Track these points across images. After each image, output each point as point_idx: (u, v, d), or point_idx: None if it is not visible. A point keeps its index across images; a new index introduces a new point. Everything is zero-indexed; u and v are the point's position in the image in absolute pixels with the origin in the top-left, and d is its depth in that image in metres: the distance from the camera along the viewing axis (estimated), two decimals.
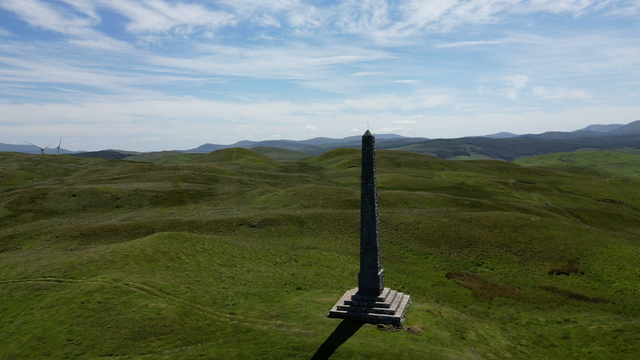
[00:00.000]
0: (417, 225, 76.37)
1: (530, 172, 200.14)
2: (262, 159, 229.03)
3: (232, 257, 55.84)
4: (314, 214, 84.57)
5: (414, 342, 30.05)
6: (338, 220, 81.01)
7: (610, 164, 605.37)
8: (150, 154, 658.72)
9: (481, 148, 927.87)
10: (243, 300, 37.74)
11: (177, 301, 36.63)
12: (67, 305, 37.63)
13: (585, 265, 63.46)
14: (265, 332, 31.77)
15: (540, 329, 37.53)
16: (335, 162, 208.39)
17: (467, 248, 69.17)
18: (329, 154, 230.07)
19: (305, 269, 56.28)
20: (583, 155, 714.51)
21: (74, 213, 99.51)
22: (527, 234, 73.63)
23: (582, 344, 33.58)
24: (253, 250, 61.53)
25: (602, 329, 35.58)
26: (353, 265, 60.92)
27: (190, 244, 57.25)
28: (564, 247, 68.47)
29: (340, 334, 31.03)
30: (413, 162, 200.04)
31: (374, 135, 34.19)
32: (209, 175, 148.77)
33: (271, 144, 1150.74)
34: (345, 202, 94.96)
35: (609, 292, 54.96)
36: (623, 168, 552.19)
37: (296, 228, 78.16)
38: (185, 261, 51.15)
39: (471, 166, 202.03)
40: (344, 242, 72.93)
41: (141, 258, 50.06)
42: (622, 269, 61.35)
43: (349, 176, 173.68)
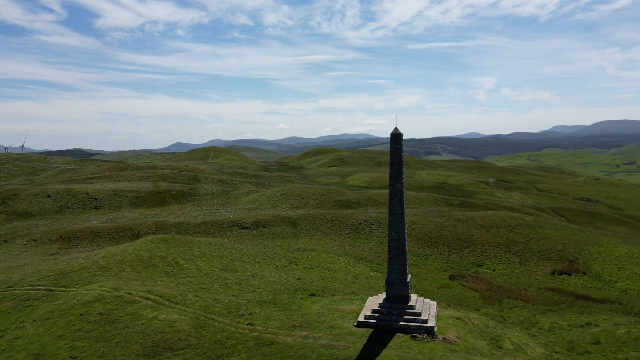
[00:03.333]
0: (414, 225, 75.11)
1: (508, 171, 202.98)
2: (241, 158, 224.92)
3: (231, 261, 53.10)
4: (306, 215, 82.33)
5: (452, 353, 28.32)
6: (332, 221, 79.01)
7: (575, 163, 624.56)
8: (119, 153, 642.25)
9: (452, 148, 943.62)
10: (259, 309, 35.28)
11: (189, 311, 33.88)
12: (64, 317, 34.34)
13: (585, 265, 63.44)
14: (290, 345, 29.48)
15: (566, 334, 36.49)
16: (316, 161, 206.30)
17: (467, 249, 68.30)
18: (309, 153, 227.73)
19: (308, 272, 54.10)
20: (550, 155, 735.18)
21: (50, 215, 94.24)
22: (523, 234, 73.39)
23: (616, 350, 32.61)
24: (251, 254, 58.89)
25: (632, 333, 34.75)
26: (355, 268, 59.15)
27: (186, 248, 54.17)
28: (561, 247, 68.41)
29: (373, 346, 29.03)
30: None
31: (401, 132, 32.28)
32: (189, 175, 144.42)
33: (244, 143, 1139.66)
34: (337, 202, 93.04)
35: (614, 293, 54.84)
36: (587, 167, 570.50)
37: (290, 229, 75.78)
38: (185, 266, 48.15)
39: (450, 166, 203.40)
40: (340, 243, 71.00)
41: (137, 264, 46.79)
42: (622, 269, 61.55)
43: (331, 176, 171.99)
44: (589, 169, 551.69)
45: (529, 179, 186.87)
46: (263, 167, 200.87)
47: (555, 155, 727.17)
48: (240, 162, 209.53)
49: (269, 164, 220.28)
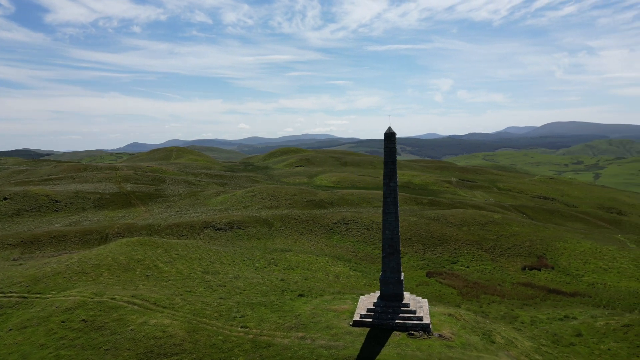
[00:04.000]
0: None
1: (469, 171, 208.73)
2: (205, 158, 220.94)
3: (211, 264, 52.05)
4: (280, 215, 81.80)
5: (450, 350, 28.80)
6: (307, 221, 78.84)
7: (527, 163, 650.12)
8: (72, 153, 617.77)
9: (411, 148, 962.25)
10: (250, 311, 34.71)
11: (179, 316, 32.93)
12: (44, 325, 32.66)
13: (552, 260, 66.05)
14: (288, 347, 29.17)
15: (548, 327, 37.85)
16: (282, 161, 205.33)
17: (440, 246, 69.73)
18: (274, 154, 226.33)
19: (289, 273, 53.78)
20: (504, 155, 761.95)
21: (7, 218, 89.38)
22: (493, 231, 75.65)
23: (597, 341, 34.11)
24: (229, 255, 57.95)
25: (610, 324, 36.44)
26: (334, 268, 59.23)
27: (163, 251, 52.65)
28: (529, 244, 70.95)
29: (372, 345, 29.13)
30: (359, 161, 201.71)
31: (394, 132, 32.55)
32: (152, 176, 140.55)
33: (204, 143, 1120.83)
34: (310, 202, 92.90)
35: (582, 286, 57.35)
36: (539, 167, 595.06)
37: (265, 230, 75.06)
38: (165, 269, 46.79)
39: (414, 165, 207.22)
40: (317, 243, 70.94)
41: (115, 268, 45.08)
42: (587, 263, 64.47)
43: (298, 176, 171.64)
44: (541, 168, 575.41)
45: (489, 178, 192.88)
46: (228, 167, 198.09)
47: (509, 155, 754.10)
48: (204, 162, 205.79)
49: (234, 164, 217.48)
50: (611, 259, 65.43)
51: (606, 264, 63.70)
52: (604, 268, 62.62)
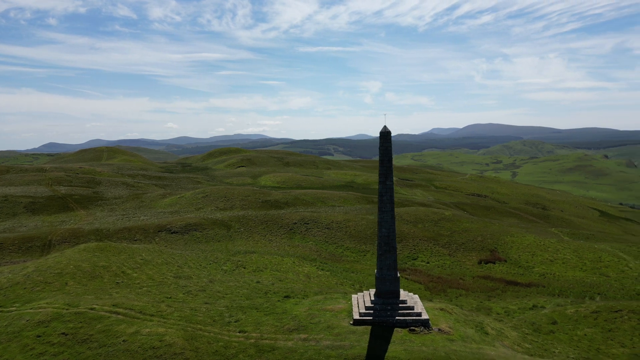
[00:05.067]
0: (348, 223, 76.85)
1: (406, 170, 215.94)
2: (139, 159, 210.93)
3: (179, 268, 49.87)
4: (237, 217, 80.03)
5: (452, 343, 29.67)
6: (266, 222, 77.76)
7: (452, 162, 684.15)
8: None
9: (343, 149, 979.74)
10: (243, 315, 33.67)
11: (170, 323, 31.24)
12: (17, 341, 29.70)
13: (504, 253, 70.02)
14: (293, 349, 28.67)
15: (523, 316, 40.08)
16: (222, 162, 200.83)
17: (400, 243, 71.54)
18: (213, 154, 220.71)
19: (260, 275, 52.75)
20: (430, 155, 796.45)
21: None
22: (446, 227, 78.86)
23: (573, 327, 36.63)
24: (193, 259, 55.83)
25: (579, 312, 39.26)
26: (302, 268, 58.85)
27: (127, 256, 49.69)
28: (481, 238, 74.73)
29: (377, 343, 29.32)
30: (301, 161, 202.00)
31: (390, 130, 33.01)
32: (86, 178, 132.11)
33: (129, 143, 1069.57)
34: (265, 202, 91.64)
35: (535, 277, 61.29)
36: (463, 166, 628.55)
37: (223, 232, 73.09)
38: (134, 276, 44.17)
39: (354, 165, 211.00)
40: (279, 244, 70.18)
41: (80, 276, 41.89)
42: (535, 255, 69.01)
43: (241, 176, 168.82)
44: (465, 167, 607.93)
45: (425, 177, 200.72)
46: (165, 168, 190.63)
47: (435, 155, 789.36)
48: (139, 163, 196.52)
49: (171, 165, 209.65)
50: (554, 251, 70.53)
51: (551, 256, 68.58)
52: (550, 259, 67.37)
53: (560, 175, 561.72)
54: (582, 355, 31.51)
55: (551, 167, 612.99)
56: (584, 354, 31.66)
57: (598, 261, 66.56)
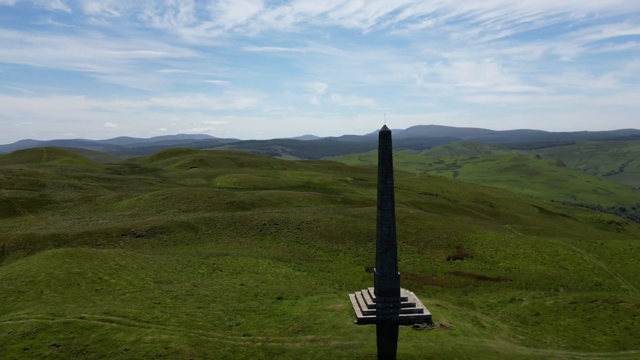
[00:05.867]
0: (318, 223, 76.88)
1: (360, 170, 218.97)
2: (82, 160, 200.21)
3: (157, 273, 47.96)
4: (203, 219, 77.94)
5: (455, 337, 30.44)
6: (234, 223, 76.26)
7: (398, 162, 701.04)
8: None
9: (291, 149, 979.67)
10: (242, 319, 32.87)
11: (170, 330, 29.96)
12: (2, 355, 27.42)
13: (469, 249, 72.64)
14: (303, 351, 28.36)
15: (506, 309, 41.73)
16: (172, 162, 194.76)
17: (370, 242, 72.46)
18: (163, 154, 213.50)
19: (239, 277, 51.72)
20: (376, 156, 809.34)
21: None
22: (412, 226, 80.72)
23: (555, 318, 38.56)
24: (167, 263, 53.87)
25: (558, 303, 41.41)
26: (278, 269, 58.26)
27: (100, 262, 47.14)
28: (447, 236, 77.13)
29: (386, 340, 29.57)
30: (255, 162, 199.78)
31: (389, 130, 33.38)
32: (29, 180, 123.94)
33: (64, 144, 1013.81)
34: (230, 204, 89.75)
35: (501, 272, 64.01)
36: (408, 166, 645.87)
37: (191, 235, 70.97)
38: (112, 282, 41.97)
39: (308, 166, 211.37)
40: (250, 245, 69.08)
41: (55, 283, 39.25)
42: (498, 251, 72.10)
43: (195, 177, 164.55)
44: (409, 167, 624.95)
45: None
46: (112, 169, 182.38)
47: None
48: (83, 164, 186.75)
49: (118, 166, 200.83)
50: (515, 246, 74.06)
51: (513, 251, 71.95)
52: (512, 254, 70.65)
53: (498, 174, 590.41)
54: (571, 344, 33.30)
55: (489, 166, 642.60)
56: (572, 343, 33.47)
57: (555, 255, 70.55)
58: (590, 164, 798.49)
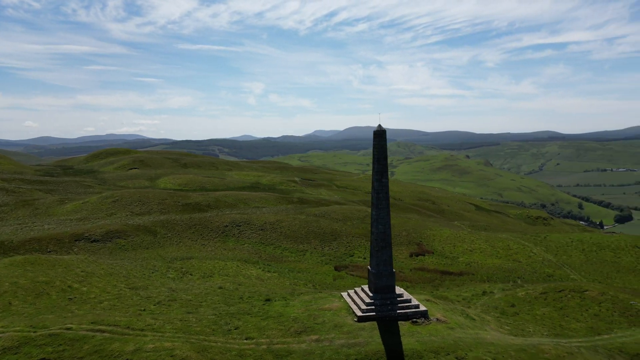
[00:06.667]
0: (281, 223, 76.26)
1: (307, 170, 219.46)
2: (8, 161, 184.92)
3: (127, 279, 45.49)
4: (160, 222, 74.85)
5: (453, 331, 31.44)
6: (194, 225, 73.90)
7: (337, 163, 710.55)
8: None
9: (228, 150, 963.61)
10: (238, 322, 32.00)
11: (169, 337, 28.59)
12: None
13: (429, 246, 75.12)
14: (310, 351, 28.16)
15: (484, 301, 43.59)
16: (110, 163, 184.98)
17: (335, 241, 73.00)
18: (99, 155, 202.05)
19: (214, 280, 50.35)
20: (316, 156, 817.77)
21: None
22: None
23: (531, 308, 40.79)
24: (134, 269, 51.29)
25: (529, 294, 43.83)
26: (249, 271, 57.30)
27: (64, 269, 43.96)
28: (406, 233, 79.27)
29: (389, 337, 29.98)
30: (199, 162, 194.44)
31: (384, 129, 33.88)
32: None
33: None
34: (186, 206, 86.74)
35: (462, 266, 66.76)
36: (347, 166, 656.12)
37: (150, 239, 67.95)
38: (84, 290, 39.29)
39: (254, 166, 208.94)
40: (213, 248, 67.27)
41: (22, 294, 36.12)
42: (456, 247, 75.13)
43: (136, 179, 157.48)
44: (348, 167, 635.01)
45: (325, 177, 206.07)
46: (44, 171, 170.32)
47: (320, 156, 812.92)
48: (10, 166, 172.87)
49: (49, 167, 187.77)
50: (470, 242, 77.55)
51: (469, 246, 75.29)
52: (469, 249, 73.92)
53: (432, 173, 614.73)
54: (551, 332, 35.44)
55: (423, 166, 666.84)
56: (552, 331, 35.63)
57: (508, 249, 74.66)
58: (514, 163, 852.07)
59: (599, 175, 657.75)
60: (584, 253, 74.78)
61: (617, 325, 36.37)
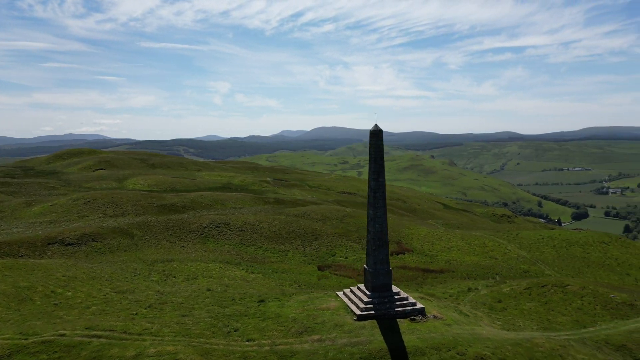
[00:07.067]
0: (261, 224, 75.62)
1: (278, 171, 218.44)
2: None
3: (110, 282, 44.12)
4: (136, 224, 72.91)
5: (450, 327, 31.97)
6: (172, 227, 72.35)
7: (305, 163, 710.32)
8: None
9: (194, 150, 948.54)
10: (237, 324, 31.55)
11: (169, 340, 27.89)
12: None
13: (408, 244, 76.14)
14: (314, 351, 28.07)
15: (471, 298, 44.50)
16: (75, 164, 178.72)
17: (316, 241, 72.97)
18: (62, 155, 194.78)
19: (200, 282, 49.52)
20: (284, 156, 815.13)
21: None
22: (352, 224, 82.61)
23: (517, 304, 41.90)
24: (115, 272, 49.77)
25: (514, 289, 45.02)
26: (232, 272, 56.58)
27: (44, 274, 42.24)
28: None
29: (390, 334, 30.21)
30: (168, 163, 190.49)
31: (381, 129, 34.11)
32: None
33: None
34: (161, 207, 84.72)
35: (442, 264, 67.99)
36: (315, 166, 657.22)
37: (127, 241, 66.09)
38: (68, 295, 37.84)
39: (225, 166, 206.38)
40: (193, 250, 66.05)
41: (5, 300, 34.46)
42: (434, 245, 76.44)
43: (103, 180, 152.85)
44: (316, 167, 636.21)
45: (297, 177, 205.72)
46: (4, 172, 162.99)
47: (288, 156, 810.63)
48: None
49: (9, 168, 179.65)
50: (447, 240, 79.10)
51: (447, 244, 76.77)
52: (447, 247, 75.38)
53: (398, 173, 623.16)
54: (540, 326, 36.54)
55: (390, 166, 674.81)
56: (541, 325, 36.75)
57: (484, 246, 76.57)
58: (476, 163, 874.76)
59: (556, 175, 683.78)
60: (555, 249, 77.55)
61: (600, 318, 37.85)
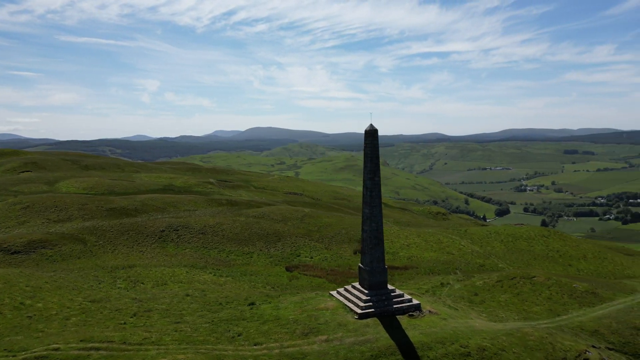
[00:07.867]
0: (221, 226, 73.63)
1: (220, 171, 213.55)
2: None
3: (79, 291, 41.22)
4: (86, 229, 68.43)
5: (446, 321, 32.99)
6: (126, 232, 68.58)
7: (241, 164, 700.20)
8: None
9: (121, 150, 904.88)
10: (237, 328, 30.66)
11: (174, 349, 26.53)
12: None
13: None
14: (324, 352, 27.93)
15: (447, 292, 46.03)
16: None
17: (279, 242, 72.26)
18: None
19: (172, 288, 47.48)
20: (218, 157, 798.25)
21: None
22: (312, 224, 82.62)
23: (492, 296, 43.90)
24: (77, 280, 46.50)
25: (487, 282, 47.13)
26: (202, 277, 54.77)
27: (6, 284, 38.59)
28: (345, 231, 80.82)
29: (394, 331, 30.67)
30: (102, 164, 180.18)
31: (376, 128, 34.44)
32: None
33: None
34: (111, 211, 79.85)
35: (405, 261, 69.75)
36: (251, 167, 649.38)
37: (80, 247, 61.86)
38: (39, 306, 34.82)
39: (164, 168, 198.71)
40: (153, 254, 63.12)
41: None
42: (393, 243, 78.20)
43: (32, 183, 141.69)
44: (253, 168, 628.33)
45: (241, 178, 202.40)
46: None
47: (223, 157, 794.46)
48: None
49: None
50: (405, 237, 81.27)
51: (405, 241, 78.88)
52: (406, 244, 77.44)
53: (335, 173, 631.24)
54: (520, 316, 38.63)
55: (327, 167, 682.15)
56: (520, 315, 38.85)
57: (440, 243, 79.50)
58: (407, 163, 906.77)
59: (480, 174, 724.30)
60: (503, 243, 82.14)
61: (570, 306, 40.66)
